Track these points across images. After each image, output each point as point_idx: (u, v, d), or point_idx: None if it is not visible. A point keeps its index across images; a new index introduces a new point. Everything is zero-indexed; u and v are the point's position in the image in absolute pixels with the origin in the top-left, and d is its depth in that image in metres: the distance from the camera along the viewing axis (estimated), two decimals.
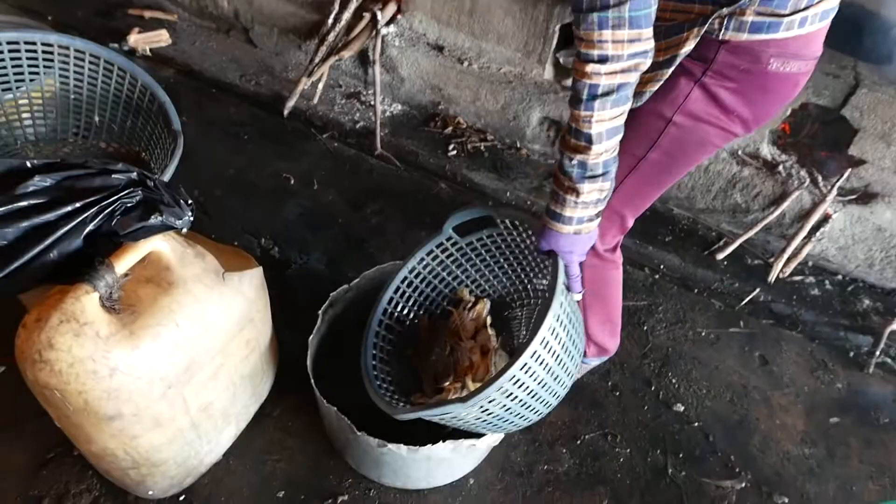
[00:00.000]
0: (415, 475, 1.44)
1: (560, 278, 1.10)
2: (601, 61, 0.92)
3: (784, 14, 1.01)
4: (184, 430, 1.26)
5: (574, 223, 1.09)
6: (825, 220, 2.10)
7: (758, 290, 2.09)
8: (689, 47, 1.04)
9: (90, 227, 1.07)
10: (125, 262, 1.08)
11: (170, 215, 1.13)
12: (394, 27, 2.37)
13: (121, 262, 1.07)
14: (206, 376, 1.25)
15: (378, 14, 2.26)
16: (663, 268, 2.15)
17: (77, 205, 1.06)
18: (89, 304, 1.02)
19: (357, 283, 1.56)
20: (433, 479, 1.49)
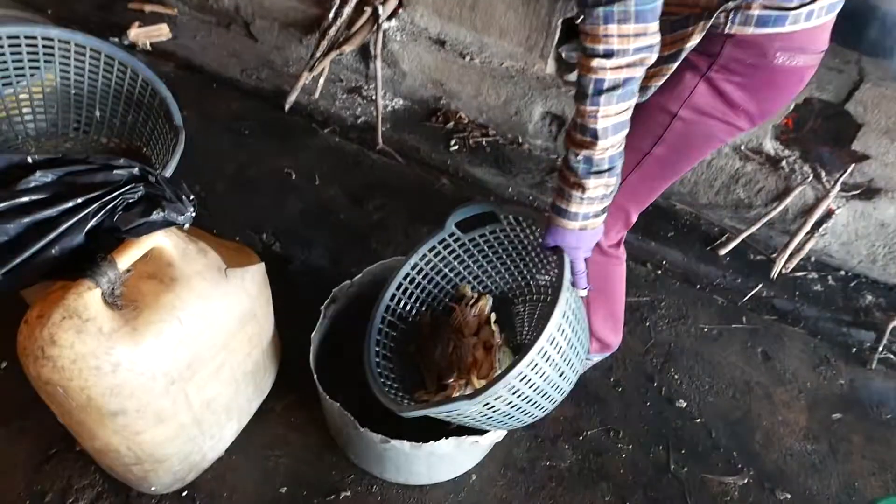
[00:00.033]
0: (417, 471, 1.44)
1: (566, 274, 1.10)
2: (607, 56, 0.92)
3: (790, 7, 1.00)
4: (186, 426, 1.26)
5: (580, 219, 1.08)
6: (828, 215, 2.10)
7: (760, 285, 2.08)
8: (695, 41, 1.04)
9: (92, 223, 1.06)
10: (127, 258, 1.08)
11: (172, 211, 1.12)
12: (395, 21, 2.35)
13: (123, 258, 1.07)
14: (208, 372, 1.25)
15: (379, 8, 2.25)
16: (665, 263, 2.14)
17: (79, 200, 1.06)
18: (92, 300, 1.02)
19: (359, 278, 1.56)
20: (435, 475, 1.49)
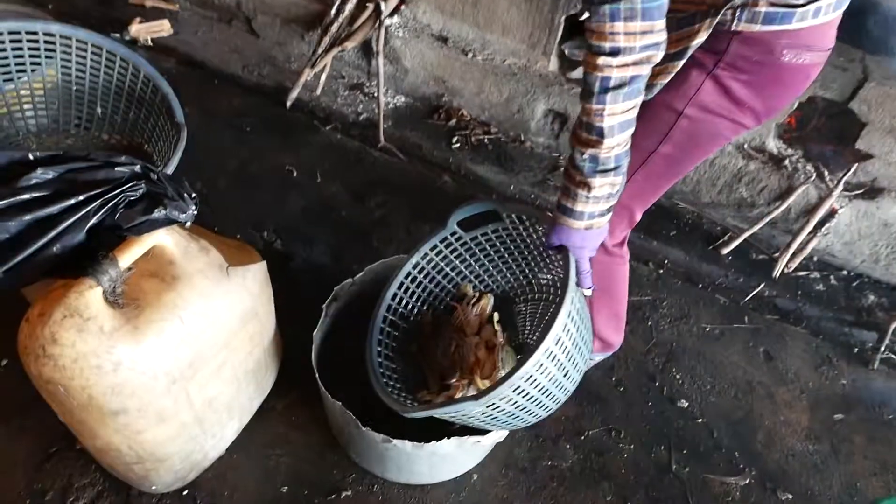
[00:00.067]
0: (418, 470, 1.44)
1: (572, 274, 1.09)
2: (613, 54, 0.91)
3: (798, 4, 0.99)
4: (188, 425, 1.26)
5: (586, 218, 1.07)
6: (831, 215, 2.09)
7: (762, 285, 2.08)
8: (701, 39, 1.03)
9: (93, 221, 1.06)
10: (129, 257, 1.07)
11: (173, 209, 1.12)
12: (397, 18, 2.34)
13: (124, 257, 1.06)
14: (210, 371, 1.25)
15: (382, 4, 2.23)
16: (668, 262, 2.14)
17: (80, 198, 1.05)
18: (93, 298, 1.02)
19: (361, 276, 1.55)
20: (437, 475, 1.49)
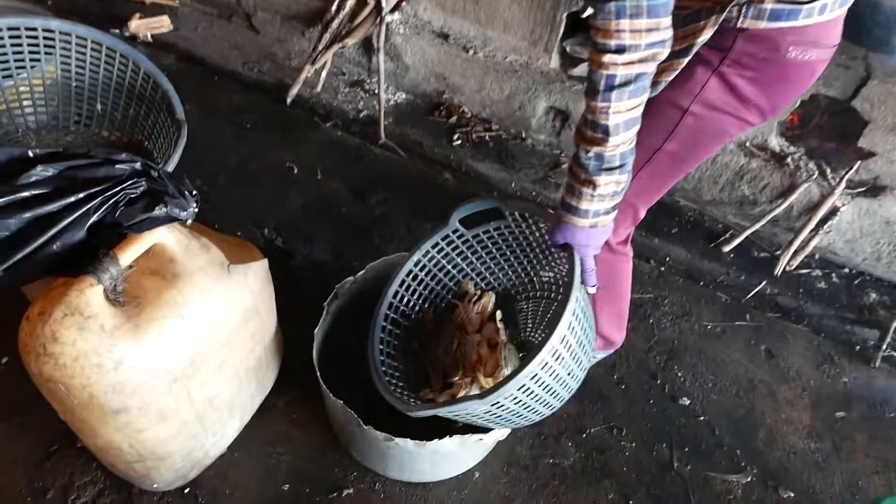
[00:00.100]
0: (420, 468, 1.44)
1: (577, 272, 1.09)
2: (618, 51, 0.90)
3: (804, 1, 0.99)
4: (189, 424, 1.25)
5: (590, 216, 1.07)
6: (833, 212, 2.09)
7: (764, 283, 2.08)
8: (707, 36, 1.02)
9: (94, 219, 1.05)
10: (129, 254, 1.06)
11: (174, 206, 1.11)
12: (398, 14, 2.33)
13: (125, 254, 1.06)
14: (211, 369, 1.24)
15: (382, 1, 2.22)
16: (669, 260, 2.13)
17: (80, 195, 1.05)
18: (93, 296, 1.01)
19: (362, 274, 1.55)
20: (439, 473, 1.48)
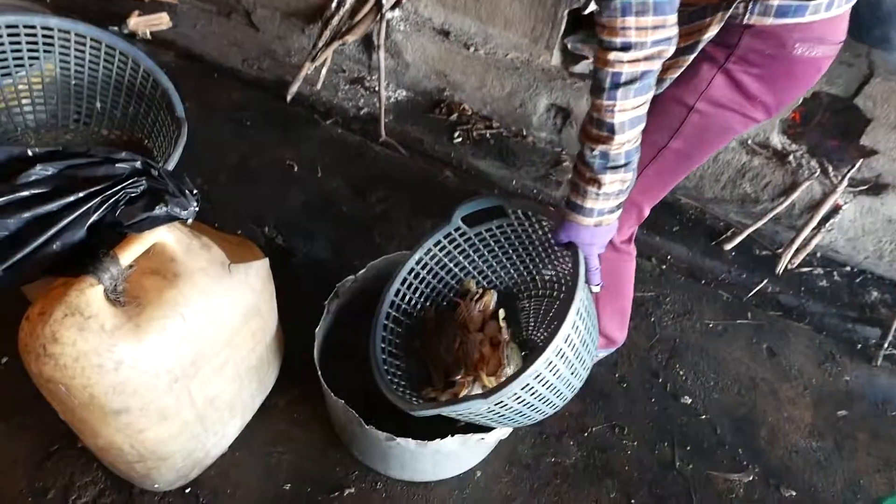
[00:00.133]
0: (422, 468, 1.43)
1: (581, 271, 1.08)
2: (624, 49, 0.90)
3: None
4: (190, 424, 1.25)
5: (595, 215, 1.06)
6: (835, 210, 2.08)
7: (766, 281, 2.07)
8: (713, 32, 1.02)
9: (94, 218, 1.04)
10: (130, 254, 1.06)
11: (175, 205, 1.10)
12: (399, 11, 2.32)
13: (125, 254, 1.05)
14: (212, 369, 1.24)
15: None
16: (671, 258, 2.13)
17: (80, 195, 1.04)
18: (94, 296, 1.00)
19: (363, 273, 1.54)
20: (440, 472, 1.48)
